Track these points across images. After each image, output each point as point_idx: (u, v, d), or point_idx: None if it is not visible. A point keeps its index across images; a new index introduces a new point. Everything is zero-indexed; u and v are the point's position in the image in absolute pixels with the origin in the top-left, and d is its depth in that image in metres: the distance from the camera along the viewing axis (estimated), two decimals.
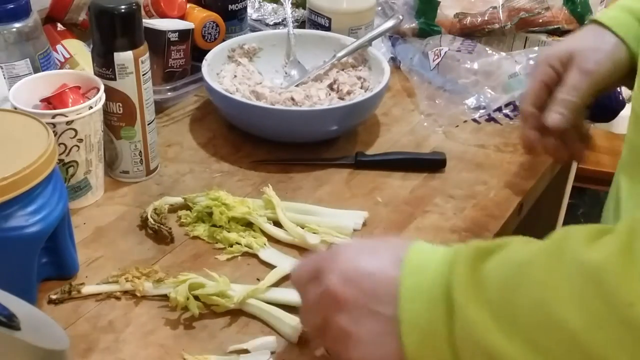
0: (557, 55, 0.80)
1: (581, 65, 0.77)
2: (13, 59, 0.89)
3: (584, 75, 0.77)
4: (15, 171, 0.62)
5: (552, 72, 0.80)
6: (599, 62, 0.77)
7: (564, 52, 0.79)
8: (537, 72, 0.82)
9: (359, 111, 0.97)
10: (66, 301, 0.71)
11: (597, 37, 0.79)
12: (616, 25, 0.78)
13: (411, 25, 1.20)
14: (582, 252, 0.46)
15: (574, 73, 0.78)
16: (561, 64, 0.79)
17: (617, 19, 0.79)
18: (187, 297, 0.69)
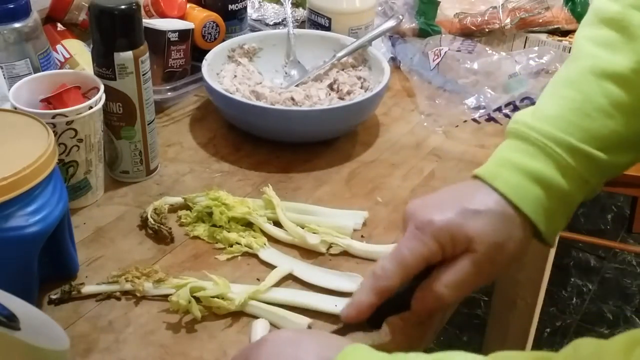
0: (451, 233, 0.61)
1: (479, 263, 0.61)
2: (13, 59, 0.89)
3: (477, 276, 0.61)
4: (15, 171, 0.62)
5: (439, 250, 0.61)
6: (499, 263, 0.62)
7: (462, 235, 0.61)
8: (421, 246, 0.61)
9: (359, 111, 0.97)
10: (66, 301, 0.71)
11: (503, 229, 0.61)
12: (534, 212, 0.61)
13: (411, 25, 1.20)
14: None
15: (466, 268, 0.61)
16: (453, 247, 0.61)
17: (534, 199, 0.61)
18: (188, 300, 0.69)
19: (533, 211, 0.61)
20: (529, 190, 0.61)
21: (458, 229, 0.61)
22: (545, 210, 0.62)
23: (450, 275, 0.61)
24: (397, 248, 0.63)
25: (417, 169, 0.94)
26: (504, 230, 0.61)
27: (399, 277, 0.62)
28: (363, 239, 0.81)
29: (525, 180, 0.62)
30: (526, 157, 0.63)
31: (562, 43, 1.16)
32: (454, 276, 0.61)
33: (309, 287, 0.74)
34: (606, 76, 0.63)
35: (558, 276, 2.12)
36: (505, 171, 0.63)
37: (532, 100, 1.06)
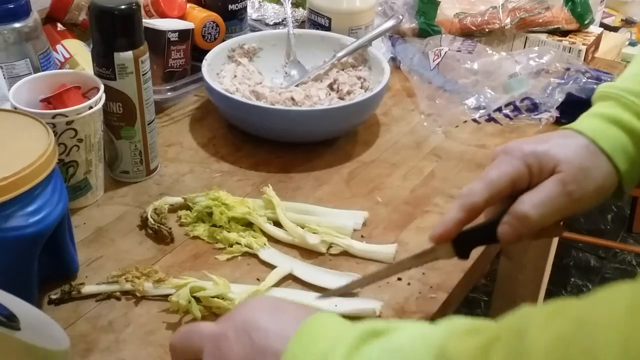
0: (538, 157, 0.63)
1: (566, 183, 0.62)
2: (13, 59, 0.89)
3: (564, 196, 0.62)
4: (15, 171, 0.62)
5: (526, 172, 0.63)
6: (586, 189, 0.62)
7: (549, 157, 0.63)
8: (508, 167, 0.64)
9: (359, 111, 0.97)
10: (66, 301, 0.71)
11: (589, 157, 0.64)
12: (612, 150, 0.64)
13: (411, 25, 1.20)
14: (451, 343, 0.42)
15: (552, 186, 0.62)
16: (539, 169, 0.63)
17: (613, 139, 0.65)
18: (188, 300, 0.69)
19: (612, 148, 0.64)
20: (608, 130, 0.65)
21: (545, 154, 0.63)
22: (623, 148, 0.64)
23: (535, 194, 0.62)
24: (484, 171, 0.65)
25: (417, 169, 0.94)
26: (590, 158, 0.63)
27: (485, 194, 0.63)
28: (363, 239, 0.81)
29: (604, 123, 0.65)
30: (605, 107, 0.67)
31: (562, 43, 1.16)
32: (540, 195, 0.61)
33: (309, 287, 0.74)
34: None
35: (558, 276, 2.12)
36: (587, 119, 0.67)
37: (532, 100, 1.06)
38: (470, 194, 0.63)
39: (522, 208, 0.61)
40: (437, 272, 0.77)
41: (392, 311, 0.72)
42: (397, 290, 0.74)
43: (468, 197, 0.64)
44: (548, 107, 1.04)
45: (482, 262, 0.82)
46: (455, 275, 0.77)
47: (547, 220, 0.62)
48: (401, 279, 0.76)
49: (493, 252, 0.87)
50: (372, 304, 0.71)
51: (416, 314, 0.72)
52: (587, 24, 1.19)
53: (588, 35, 1.19)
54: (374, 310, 0.70)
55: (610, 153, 0.63)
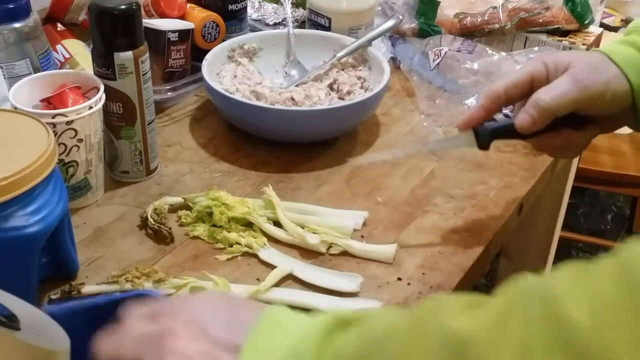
0: (554, 57, 0.73)
1: (575, 73, 0.70)
2: (13, 59, 0.89)
3: (573, 84, 0.69)
4: (15, 171, 0.62)
5: (544, 70, 0.72)
6: (594, 81, 0.69)
7: (563, 57, 0.72)
8: (527, 66, 0.74)
9: (359, 111, 0.97)
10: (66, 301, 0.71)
11: (600, 61, 0.71)
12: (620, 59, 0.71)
13: (411, 25, 1.20)
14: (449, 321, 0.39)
15: (564, 77, 0.70)
16: (555, 67, 0.72)
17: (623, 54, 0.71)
18: None
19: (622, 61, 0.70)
20: (622, 49, 0.71)
21: (561, 56, 0.73)
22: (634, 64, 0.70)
23: (549, 85, 0.70)
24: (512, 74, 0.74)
25: (417, 169, 0.94)
26: (601, 61, 0.71)
27: (505, 84, 0.73)
28: (363, 239, 0.81)
29: (620, 45, 0.72)
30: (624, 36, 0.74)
31: (562, 43, 1.16)
32: (553, 85, 0.70)
33: (309, 287, 0.74)
34: None
35: None
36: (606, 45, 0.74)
37: None
38: (493, 86, 0.73)
39: (537, 95, 0.70)
40: (437, 272, 0.77)
41: None
42: (397, 290, 0.74)
43: (491, 88, 0.73)
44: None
45: (482, 262, 0.82)
46: (455, 275, 0.77)
47: (559, 106, 0.69)
48: (401, 279, 0.76)
49: (493, 252, 0.87)
50: (372, 303, 0.71)
51: None
52: (587, 24, 1.19)
53: (588, 35, 1.19)
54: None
55: (621, 64, 0.70)
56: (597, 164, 1.85)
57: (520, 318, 0.37)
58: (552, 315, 0.36)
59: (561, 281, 0.37)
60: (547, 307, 0.36)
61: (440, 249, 0.80)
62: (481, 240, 0.81)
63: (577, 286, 0.36)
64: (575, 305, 0.35)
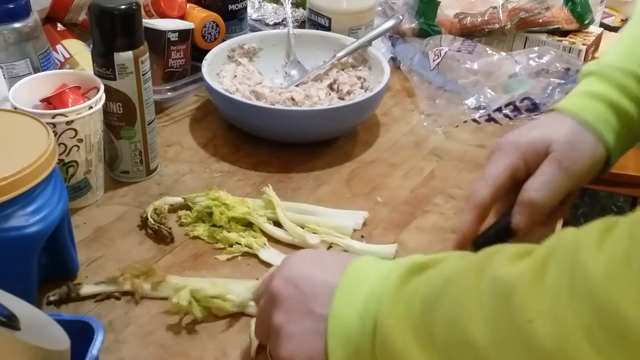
0: (530, 144, 0.67)
1: (560, 161, 0.66)
2: (13, 59, 0.89)
3: (561, 174, 0.65)
4: (15, 171, 0.62)
5: (522, 163, 0.67)
6: (579, 162, 0.66)
7: (540, 141, 0.67)
8: (504, 161, 0.68)
9: (359, 111, 0.97)
10: (65, 302, 0.71)
11: (576, 133, 0.67)
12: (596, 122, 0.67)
13: (411, 25, 1.20)
14: (500, 268, 0.45)
15: (550, 168, 0.66)
16: (534, 157, 0.67)
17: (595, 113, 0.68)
18: (189, 301, 0.69)
19: (596, 121, 0.67)
20: (593, 106, 0.68)
21: (537, 140, 0.67)
22: (607, 122, 0.67)
23: (536, 179, 0.66)
24: (483, 171, 0.69)
25: (417, 169, 0.94)
26: (577, 134, 0.67)
27: (488, 190, 0.67)
28: (363, 239, 0.81)
29: (589, 100, 0.69)
30: (588, 84, 0.70)
31: (562, 43, 1.16)
32: (540, 178, 0.66)
33: None
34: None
35: None
36: (571, 98, 0.71)
37: (532, 100, 1.06)
38: (476, 194, 0.68)
39: (528, 195, 0.65)
40: None
41: None
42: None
43: (474, 196, 0.68)
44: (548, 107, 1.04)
45: None
46: None
47: (553, 200, 0.66)
48: None
49: None
50: None
51: None
52: (587, 24, 1.19)
53: (588, 35, 1.19)
54: None
55: (594, 125, 0.67)
56: None
57: (554, 268, 0.42)
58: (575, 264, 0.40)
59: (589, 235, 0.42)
60: (573, 258, 0.41)
61: (440, 249, 0.80)
62: None
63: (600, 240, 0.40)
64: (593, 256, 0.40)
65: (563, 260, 0.42)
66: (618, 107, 0.68)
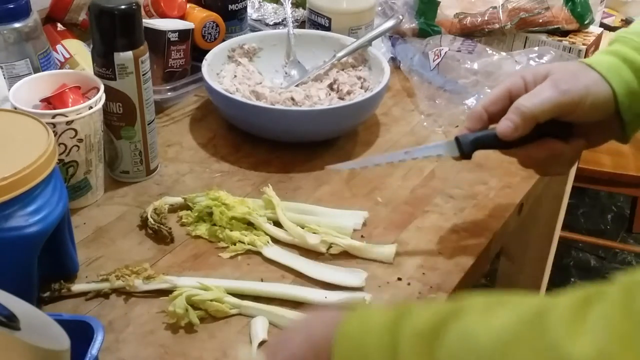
0: (532, 70, 0.72)
1: (554, 79, 0.69)
2: (13, 59, 0.89)
3: (553, 89, 0.68)
4: (15, 171, 0.62)
5: (521, 82, 0.71)
6: (574, 84, 0.68)
7: (541, 68, 0.72)
8: (506, 81, 0.73)
9: (359, 111, 0.97)
10: (57, 299, 0.71)
11: (580, 68, 0.70)
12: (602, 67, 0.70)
13: (411, 25, 1.20)
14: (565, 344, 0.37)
15: (544, 84, 0.69)
16: (533, 78, 0.71)
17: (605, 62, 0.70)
18: (185, 308, 0.69)
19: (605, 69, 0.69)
20: (605, 59, 0.70)
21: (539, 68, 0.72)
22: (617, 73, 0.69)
23: (529, 93, 0.69)
24: None
25: (417, 169, 0.94)
26: (581, 69, 0.70)
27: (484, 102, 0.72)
28: (363, 239, 0.81)
29: (603, 55, 0.71)
30: (609, 46, 0.73)
31: (562, 43, 1.16)
32: (532, 91, 0.69)
33: (314, 283, 0.74)
34: None
35: (558, 276, 2.12)
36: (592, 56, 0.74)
37: None
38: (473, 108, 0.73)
39: (518, 101, 0.69)
40: (437, 272, 0.77)
41: None
42: (397, 290, 0.74)
43: (472, 110, 0.73)
44: None
45: (482, 262, 0.82)
46: (455, 275, 0.77)
47: (540, 111, 0.68)
48: (401, 279, 0.76)
49: (493, 252, 0.87)
50: (360, 293, 0.72)
51: None
52: (587, 24, 1.19)
53: (588, 35, 1.19)
54: (364, 300, 0.71)
55: (603, 72, 0.69)
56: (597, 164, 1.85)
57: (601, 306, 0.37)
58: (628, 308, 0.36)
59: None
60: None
61: (440, 249, 0.80)
62: (481, 241, 0.81)
63: None
64: None
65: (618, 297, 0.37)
66: (632, 63, 0.69)
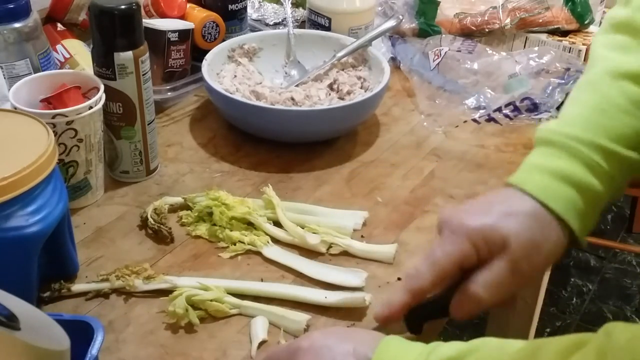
0: (484, 234, 0.60)
1: (515, 262, 0.59)
2: (13, 59, 0.89)
3: (514, 276, 0.60)
4: (15, 171, 0.62)
5: (473, 253, 0.60)
6: (536, 264, 0.61)
7: (496, 235, 0.60)
8: (454, 247, 0.61)
9: (359, 111, 0.97)
10: (56, 299, 0.71)
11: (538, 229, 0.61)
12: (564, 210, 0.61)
13: (411, 25, 1.20)
14: None
15: (502, 268, 0.60)
16: (487, 247, 0.60)
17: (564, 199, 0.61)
18: (185, 309, 0.69)
19: (564, 209, 0.61)
20: (559, 189, 0.61)
21: (492, 230, 0.60)
22: (575, 208, 0.61)
23: (485, 275, 0.60)
24: (430, 250, 0.62)
25: (417, 169, 0.94)
26: (539, 230, 0.60)
27: (432, 277, 0.61)
28: (363, 239, 0.81)
29: (554, 181, 0.62)
30: (553, 159, 0.63)
31: (562, 43, 1.16)
32: (490, 276, 0.60)
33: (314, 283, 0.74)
34: (622, 76, 0.65)
35: (558, 276, 2.12)
36: (534, 175, 0.63)
37: (532, 100, 1.06)
38: (417, 277, 0.62)
39: (473, 289, 0.60)
40: None
41: None
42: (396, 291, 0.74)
43: (414, 279, 0.62)
44: (548, 107, 1.04)
45: None
46: None
47: (498, 298, 0.61)
48: (401, 279, 0.76)
49: None
50: (360, 293, 0.72)
51: None
52: (587, 24, 1.19)
53: (588, 35, 1.19)
54: (364, 299, 0.71)
55: (563, 215, 0.61)
56: None
57: None
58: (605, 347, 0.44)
59: None
60: None
61: None
62: None
63: None
64: None
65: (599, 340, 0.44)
66: (586, 188, 0.61)
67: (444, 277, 0.62)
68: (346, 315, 0.71)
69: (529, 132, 1.02)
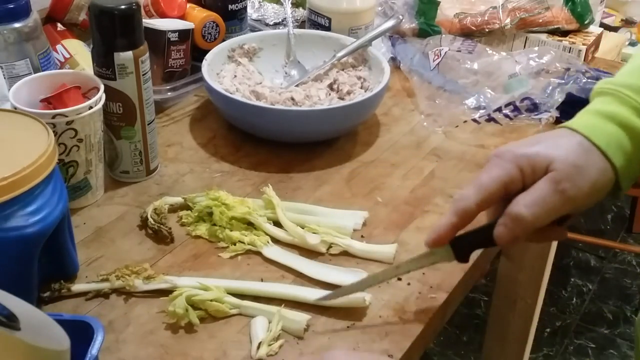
0: (530, 158, 0.62)
1: (558, 181, 0.60)
2: (13, 59, 0.89)
3: (558, 195, 0.60)
4: (15, 171, 0.62)
5: (519, 176, 0.62)
6: (580, 187, 0.61)
7: (541, 158, 0.62)
8: (500, 170, 0.63)
9: (359, 111, 0.97)
10: (57, 299, 0.71)
11: (583, 155, 0.62)
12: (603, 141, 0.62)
13: (411, 25, 1.20)
14: None
15: (546, 186, 0.61)
16: (532, 171, 0.62)
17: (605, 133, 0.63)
18: (185, 309, 0.69)
19: (606, 144, 0.62)
20: (604, 127, 0.63)
21: (537, 154, 0.62)
22: (618, 144, 0.63)
23: (529, 195, 0.61)
24: (477, 176, 0.64)
25: (417, 169, 0.94)
26: (584, 155, 0.62)
27: (476, 199, 0.63)
28: (363, 239, 0.81)
29: (600, 120, 0.64)
30: (603, 104, 0.65)
31: (562, 43, 1.16)
32: (533, 195, 0.61)
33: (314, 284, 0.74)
34: None
35: (558, 276, 2.12)
36: (583, 116, 0.65)
37: (532, 100, 1.06)
38: (462, 199, 0.64)
39: (516, 209, 0.61)
40: (437, 272, 0.77)
41: (392, 311, 0.72)
42: (397, 291, 0.74)
43: (460, 201, 0.64)
44: (548, 107, 1.04)
45: (482, 262, 0.82)
46: (455, 275, 0.77)
47: (542, 220, 0.61)
48: (401, 279, 0.76)
49: (493, 253, 0.87)
50: (360, 293, 0.72)
51: (416, 313, 0.72)
52: (587, 24, 1.19)
53: (588, 35, 1.19)
54: (364, 300, 0.71)
55: (605, 149, 0.62)
56: None
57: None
58: None
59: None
60: None
61: None
62: None
63: None
64: None
65: None
66: (631, 128, 0.63)
67: (489, 200, 0.63)
68: (346, 315, 0.71)
69: (529, 132, 1.02)
